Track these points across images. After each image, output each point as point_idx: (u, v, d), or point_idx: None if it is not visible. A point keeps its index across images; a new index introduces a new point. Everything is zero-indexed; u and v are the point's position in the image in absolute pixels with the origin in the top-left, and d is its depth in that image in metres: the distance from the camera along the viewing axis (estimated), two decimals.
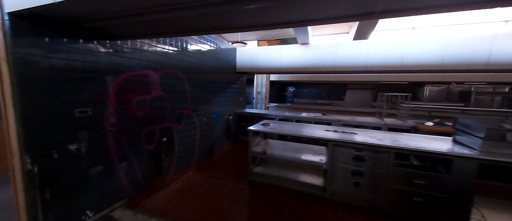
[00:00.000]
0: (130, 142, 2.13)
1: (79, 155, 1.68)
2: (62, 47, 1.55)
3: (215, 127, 3.92)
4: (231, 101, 4.65)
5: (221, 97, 4.12)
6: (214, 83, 3.81)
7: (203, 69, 3.43)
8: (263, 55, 4.37)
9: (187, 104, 3.05)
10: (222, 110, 4.21)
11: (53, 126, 1.51)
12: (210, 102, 3.70)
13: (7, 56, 1.29)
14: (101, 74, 1.82)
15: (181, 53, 2.85)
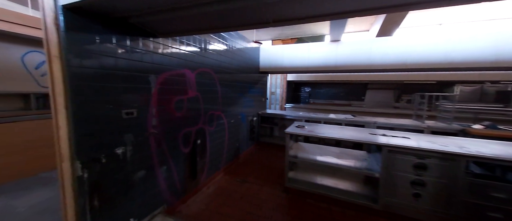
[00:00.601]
0: (169, 145, 2.02)
1: (125, 159, 1.57)
2: (110, 44, 1.45)
3: (240, 129, 3.79)
4: (255, 102, 4.50)
5: (246, 98, 3.98)
6: (240, 83, 3.68)
7: (232, 68, 3.30)
8: (289, 54, 4.19)
9: (218, 105, 2.93)
10: (247, 111, 4.07)
11: (101, 128, 1.41)
12: (237, 102, 3.57)
13: (60, 53, 1.19)
14: (145, 73, 1.71)
15: (213, 52, 2.73)
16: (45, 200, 2.26)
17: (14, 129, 2.76)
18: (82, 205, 1.32)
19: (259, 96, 4.80)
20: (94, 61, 1.35)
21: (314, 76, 8.73)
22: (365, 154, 2.66)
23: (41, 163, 2.98)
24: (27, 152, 2.85)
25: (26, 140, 2.86)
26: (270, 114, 4.71)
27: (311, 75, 8.73)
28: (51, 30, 1.19)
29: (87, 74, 1.31)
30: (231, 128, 3.37)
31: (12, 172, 2.69)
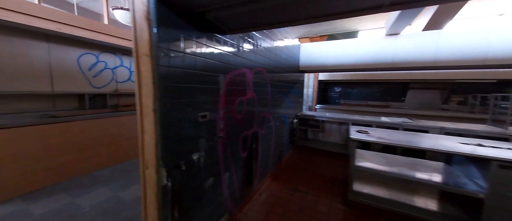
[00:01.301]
0: (232, 149, 1.88)
1: (199, 166, 1.45)
2: (192, 41, 1.33)
3: (283, 131, 3.58)
4: (294, 103, 4.26)
5: (288, 98, 3.77)
6: (284, 83, 3.47)
7: (279, 67, 3.11)
8: (334, 50, 3.87)
9: (268, 107, 2.75)
10: (288, 112, 3.85)
11: (183, 132, 1.29)
12: (281, 103, 3.37)
13: (151, 51, 1.09)
14: (216, 73, 1.59)
15: (265, 50, 2.55)
16: (105, 200, 2.29)
17: (71, 128, 2.87)
18: (164, 216, 1.21)
19: (297, 96, 4.55)
20: (179, 59, 1.24)
21: (344, 75, 8.20)
22: (445, 166, 2.28)
23: (95, 162, 3.08)
24: (83, 150, 2.96)
25: (82, 139, 2.97)
26: (310, 116, 4.43)
27: (343, 73, 8.21)
28: (141, 25, 1.09)
29: (173, 74, 1.20)
30: (277, 131, 3.18)
31: (69, 170, 2.80)
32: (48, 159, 2.58)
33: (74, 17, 2.87)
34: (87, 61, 3.55)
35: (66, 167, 2.75)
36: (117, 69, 4.04)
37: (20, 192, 2.33)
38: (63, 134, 2.76)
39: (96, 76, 3.69)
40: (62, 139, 2.75)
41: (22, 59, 2.81)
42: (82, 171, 2.92)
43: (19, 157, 2.34)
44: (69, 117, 2.93)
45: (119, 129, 3.41)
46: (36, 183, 2.43)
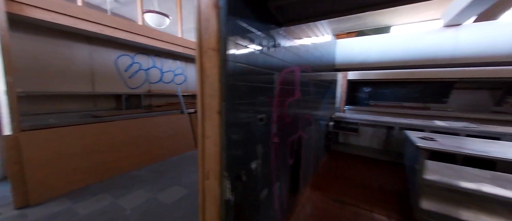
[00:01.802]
0: (283, 156, 1.69)
1: (256, 176, 1.28)
2: (254, 33, 1.16)
3: (320, 135, 3.31)
4: (329, 104, 3.96)
5: (325, 99, 3.48)
6: (323, 82, 3.20)
7: (320, 65, 2.86)
8: (378, 45, 3.50)
9: (309, 108, 2.52)
10: (324, 114, 3.57)
11: (245, 137, 1.13)
12: (320, 105, 3.11)
13: (218, 44, 0.94)
14: (272, 70, 1.41)
15: (312, 46, 2.33)
16: (144, 202, 2.24)
17: (110, 128, 2.92)
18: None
19: (332, 97, 4.24)
20: (244, 54, 1.08)
21: (376, 74, 7.58)
22: None
23: (132, 161, 3.11)
24: (120, 150, 3.00)
25: (120, 139, 3.01)
26: (346, 118, 4.09)
27: (375, 72, 7.60)
28: (207, 15, 0.94)
29: (239, 70, 1.05)
30: (316, 135, 2.93)
31: (109, 169, 2.84)
32: (90, 157, 2.63)
33: (114, 19, 2.92)
34: (123, 63, 3.64)
35: (106, 166, 2.80)
36: (150, 70, 4.11)
37: (66, 190, 2.39)
38: (103, 134, 2.82)
39: (131, 77, 3.77)
40: (102, 138, 2.80)
41: (67, 61, 2.93)
42: (120, 171, 2.96)
43: (65, 155, 2.41)
44: (109, 117, 2.99)
45: (153, 129, 3.43)
46: (80, 181, 2.48)
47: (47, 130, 2.32)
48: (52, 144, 2.31)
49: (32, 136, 2.18)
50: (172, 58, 4.55)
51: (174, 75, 4.64)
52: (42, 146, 2.23)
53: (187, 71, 4.97)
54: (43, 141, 2.25)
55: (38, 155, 2.19)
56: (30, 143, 2.14)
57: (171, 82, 4.58)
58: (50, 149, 2.30)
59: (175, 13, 6.62)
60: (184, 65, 4.89)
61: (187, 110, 4.22)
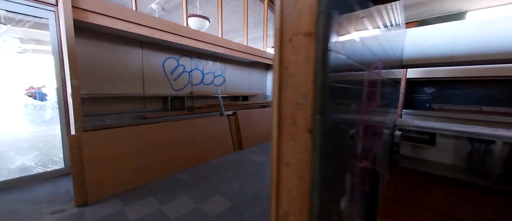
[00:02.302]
0: (364, 182, 1.27)
1: (343, 218, 0.91)
2: (355, 9, 0.80)
3: (384, 148, 2.68)
4: (393, 109, 3.25)
5: (392, 103, 2.83)
6: (393, 82, 2.58)
7: (389, 60, 2.27)
8: (472, 31, 2.65)
9: (382, 114, 1.98)
10: (390, 120, 2.90)
11: (335, 167, 0.78)
12: (388, 110, 2.50)
13: (316, 26, 0.60)
14: (363, 66, 1.01)
15: (388, 34, 1.81)
16: (188, 212, 2.10)
17: (158, 129, 2.94)
18: None
19: (396, 100, 3.49)
20: (346, 42, 0.72)
21: (443, 71, 6.16)
22: None
23: (177, 163, 3.10)
24: (166, 151, 3.01)
25: (166, 140, 3.02)
26: (420, 126, 3.29)
27: (442, 69, 6.19)
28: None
29: (341, 66, 0.70)
30: (381, 148, 2.34)
31: (156, 171, 2.86)
32: (140, 158, 2.68)
33: (163, 22, 2.95)
34: (169, 65, 3.72)
35: (154, 168, 2.82)
36: (192, 72, 4.14)
37: (118, 190, 2.46)
38: (152, 135, 2.86)
39: (176, 79, 3.84)
40: (151, 139, 2.84)
41: (123, 65, 3.10)
42: (166, 172, 2.97)
43: (119, 155, 2.48)
44: (157, 119, 3.03)
45: (195, 131, 3.38)
46: (130, 182, 2.53)
47: (104, 131, 2.42)
48: (108, 145, 2.40)
49: (92, 136, 2.28)
50: (212, 59, 4.52)
51: (214, 76, 4.61)
52: (100, 146, 2.33)
53: (226, 72, 4.89)
54: (101, 141, 2.34)
55: (96, 154, 2.29)
56: (90, 142, 2.25)
57: (210, 84, 4.55)
58: (107, 149, 2.39)
59: (212, 16, 6.72)
60: (223, 66, 4.82)
61: (226, 112, 4.10)
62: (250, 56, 4.63)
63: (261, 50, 4.94)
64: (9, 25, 2.42)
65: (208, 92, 4.42)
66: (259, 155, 3.80)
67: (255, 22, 8.17)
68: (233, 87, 5.14)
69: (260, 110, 4.86)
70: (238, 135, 4.19)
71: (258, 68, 5.84)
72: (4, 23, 2.40)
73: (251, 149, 4.14)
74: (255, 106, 5.11)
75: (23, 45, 2.58)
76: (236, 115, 4.23)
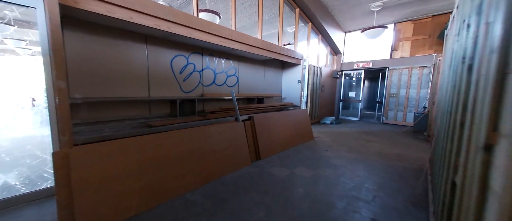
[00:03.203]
0: None
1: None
2: None
3: None
4: None
5: None
6: None
7: None
8: None
9: None
10: None
11: None
12: None
13: None
14: None
15: None
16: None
17: (165, 139, 2.46)
18: None
19: None
20: None
21: None
22: None
23: (187, 180, 2.60)
24: (175, 166, 2.52)
25: (175, 152, 2.54)
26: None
27: None
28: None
29: None
30: None
31: (163, 191, 2.37)
32: (144, 177, 2.20)
33: (171, 11, 2.47)
34: (178, 64, 3.25)
35: (160, 188, 2.34)
36: (204, 71, 3.66)
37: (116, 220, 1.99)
38: (158, 147, 2.38)
39: (186, 79, 3.37)
40: (158, 152, 2.36)
41: (125, 63, 2.64)
42: (174, 192, 2.48)
43: (119, 175, 2.01)
44: (163, 127, 2.56)
45: (207, 141, 2.88)
46: (131, 208, 2.05)
47: (100, 144, 1.95)
48: (105, 162, 1.94)
49: (84, 152, 1.82)
50: (225, 57, 4.02)
51: (226, 76, 4.11)
52: (94, 163, 1.86)
53: (239, 71, 4.38)
54: (95, 157, 1.88)
55: (89, 175, 1.82)
56: (81, 160, 1.79)
57: (223, 85, 4.06)
58: (103, 167, 1.92)
59: (223, 11, 6.22)
60: (237, 65, 4.31)
61: (241, 116, 3.58)
62: (266, 53, 4.11)
63: (278, 45, 4.40)
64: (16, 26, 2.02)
65: (220, 94, 3.92)
66: (281, 167, 3.26)
67: (266, 19, 7.65)
68: (248, 88, 4.63)
69: (277, 113, 4.32)
70: (255, 144, 3.67)
71: (273, 66, 5.31)
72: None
73: (270, 160, 3.60)
74: (271, 109, 4.58)
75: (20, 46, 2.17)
76: (253, 120, 3.71)
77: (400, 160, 3.69)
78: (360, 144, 4.72)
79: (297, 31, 6.38)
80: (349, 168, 3.25)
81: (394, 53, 7.92)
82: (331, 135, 5.73)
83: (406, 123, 7.38)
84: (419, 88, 7.08)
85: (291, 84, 5.47)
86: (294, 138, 4.50)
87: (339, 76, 9.15)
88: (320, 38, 7.90)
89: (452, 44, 2.20)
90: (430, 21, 6.97)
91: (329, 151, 4.16)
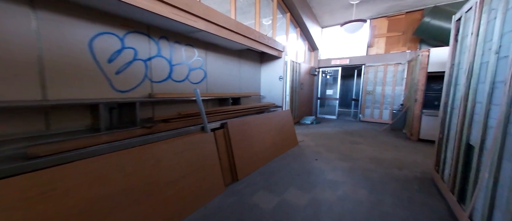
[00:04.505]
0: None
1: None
2: None
3: None
4: None
5: None
6: None
7: None
8: None
9: None
10: None
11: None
12: None
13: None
14: None
15: None
16: None
17: (74, 176, 1.34)
18: None
19: None
20: None
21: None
22: None
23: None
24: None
25: (91, 198, 1.43)
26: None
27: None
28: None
29: None
30: None
31: None
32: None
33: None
34: (105, 47, 2.07)
35: None
36: (152, 61, 2.53)
37: None
38: (46, 196, 1.24)
39: (120, 72, 2.20)
40: (46, 205, 1.23)
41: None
42: None
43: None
44: (62, 156, 1.41)
45: (154, 169, 1.82)
46: None
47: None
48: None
49: None
50: (187, 43, 2.95)
51: (189, 70, 3.04)
52: None
53: (207, 63, 3.35)
54: None
55: None
56: None
57: (184, 80, 2.98)
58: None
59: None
60: (204, 54, 3.27)
61: (211, 124, 2.60)
62: (243, 39, 3.17)
63: (258, 31, 3.51)
64: None
65: (180, 94, 2.84)
66: (267, 192, 2.41)
67: (239, 7, 6.68)
68: (219, 85, 3.63)
69: (258, 117, 3.45)
70: (230, 160, 2.72)
71: (250, 59, 4.40)
72: None
73: (251, 180, 2.72)
74: (250, 111, 3.69)
75: None
76: (226, 128, 2.75)
77: (398, 167, 3.23)
78: (349, 148, 4.20)
79: (275, 20, 5.59)
80: (350, 186, 2.59)
81: (369, 50, 7.84)
82: (315, 137, 5.15)
83: (382, 120, 7.37)
84: (394, 85, 7.09)
85: (271, 80, 4.65)
86: (278, 145, 3.71)
87: (317, 73, 8.79)
88: (298, 32, 7.31)
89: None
90: (404, 17, 6.99)
91: (319, 160, 3.49)
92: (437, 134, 2.72)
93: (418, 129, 4.94)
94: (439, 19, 5.45)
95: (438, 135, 2.72)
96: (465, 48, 2.11)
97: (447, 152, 2.40)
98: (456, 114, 2.21)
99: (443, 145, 2.54)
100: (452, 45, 2.53)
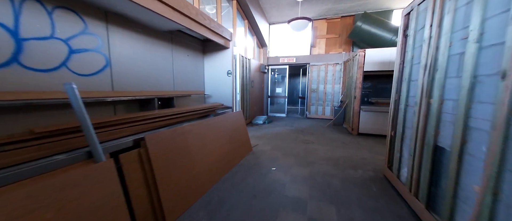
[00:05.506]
0: None
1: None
2: None
3: None
4: None
5: None
6: None
7: None
8: None
9: None
10: None
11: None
12: None
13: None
14: None
15: None
16: None
17: None
18: None
19: None
20: None
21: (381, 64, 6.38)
22: None
23: None
24: None
25: None
26: None
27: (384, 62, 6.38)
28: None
29: None
30: None
31: None
32: None
33: None
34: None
35: None
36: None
37: None
38: None
39: None
40: None
41: None
42: None
43: None
44: None
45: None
46: None
47: None
48: None
49: None
50: (59, 3, 1.71)
51: (69, 51, 1.80)
52: None
53: (111, 43, 2.16)
54: None
55: None
56: None
57: (59, 68, 1.73)
58: None
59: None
60: (104, 29, 2.07)
61: (106, 144, 1.55)
62: (172, 13, 2.19)
63: (196, 8, 2.60)
64: None
65: (40, 93, 1.59)
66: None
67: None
68: (138, 79, 2.48)
69: (201, 123, 2.57)
70: (152, 197, 1.74)
71: (188, 47, 3.39)
72: None
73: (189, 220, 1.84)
74: (189, 116, 2.74)
75: None
76: (145, 147, 1.74)
77: (353, 167, 3.13)
78: (302, 149, 3.95)
79: (220, 5, 4.74)
80: (316, 202, 2.16)
81: (313, 50, 8.22)
82: (269, 139, 4.72)
83: (325, 116, 7.87)
84: (334, 84, 7.67)
85: (218, 76, 3.80)
86: (229, 156, 2.94)
87: (266, 71, 8.54)
88: (246, 25, 6.72)
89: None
90: (339, 21, 7.64)
91: (277, 169, 2.97)
92: (386, 130, 2.68)
93: (357, 124, 5.33)
94: (369, 24, 6.12)
95: (389, 132, 2.69)
96: (422, 41, 2.00)
97: (403, 152, 2.32)
98: (413, 112, 2.11)
99: (396, 144, 2.49)
100: (400, 41, 2.49)
